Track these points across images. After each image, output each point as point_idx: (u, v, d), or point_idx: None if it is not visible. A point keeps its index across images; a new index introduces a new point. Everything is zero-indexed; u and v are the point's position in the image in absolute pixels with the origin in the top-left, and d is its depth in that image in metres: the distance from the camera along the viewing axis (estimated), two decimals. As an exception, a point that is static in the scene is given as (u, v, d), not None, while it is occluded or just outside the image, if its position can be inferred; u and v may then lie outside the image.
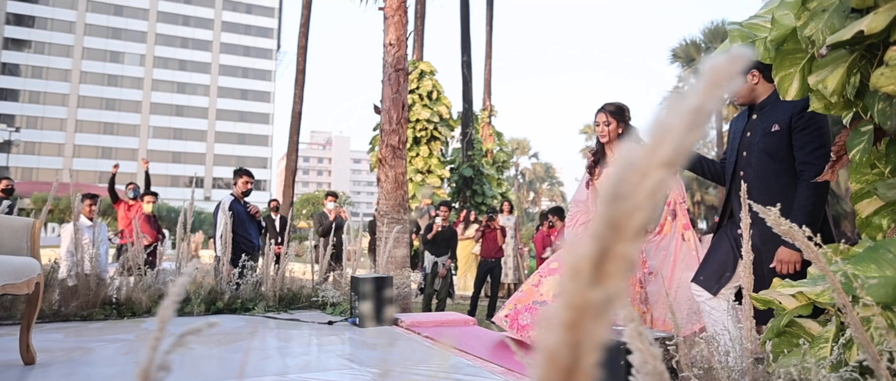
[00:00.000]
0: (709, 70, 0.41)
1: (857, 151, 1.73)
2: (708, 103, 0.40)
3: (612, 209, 0.39)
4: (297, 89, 13.90)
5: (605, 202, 0.39)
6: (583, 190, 3.96)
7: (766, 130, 2.84)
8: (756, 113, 2.95)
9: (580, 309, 0.38)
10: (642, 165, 0.39)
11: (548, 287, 3.59)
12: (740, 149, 3.01)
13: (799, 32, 1.75)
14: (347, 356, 3.33)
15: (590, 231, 0.39)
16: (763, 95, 2.92)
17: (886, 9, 1.35)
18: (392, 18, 5.81)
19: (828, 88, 1.60)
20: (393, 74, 5.77)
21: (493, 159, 21.05)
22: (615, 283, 0.38)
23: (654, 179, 0.39)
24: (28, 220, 3.09)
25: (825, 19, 1.64)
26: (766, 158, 2.83)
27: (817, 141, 2.68)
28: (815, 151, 2.65)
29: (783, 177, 2.79)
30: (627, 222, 0.38)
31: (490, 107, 21.85)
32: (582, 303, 0.38)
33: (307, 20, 14.23)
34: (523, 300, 3.63)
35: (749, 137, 2.96)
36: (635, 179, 0.39)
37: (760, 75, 2.91)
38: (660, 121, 0.40)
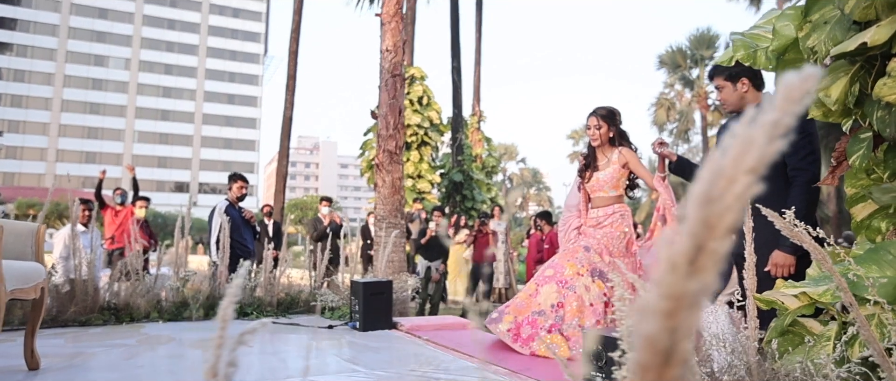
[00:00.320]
0: (784, 87, 0.46)
1: (857, 157, 1.81)
2: (785, 118, 0.45)
3: (705, 211, 0.44)
4: (288, 95, 13.89)
5: (698, 205, 0.44)
6: (575, 194, 3.99)
7: None
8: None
9: (677, 299, 0.44)
10: (730, 173, 0.44)
11: (545, 296, 3.57)
12: None
13: (801, 43, 1.82)
14: (350, 359, 3.36)
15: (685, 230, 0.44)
16: (752, 103, 3.00)
17: (888, 22, 1.42)
18: (389, 25, 5.86)
19: (831, 97, 1.68)
20: (390, 80, 5.82)
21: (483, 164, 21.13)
22: (708, 276, 0.44)
23: (741, 184, 0.44)
24: (32, 225, 3.10)
25: (827, 31, 1.71)
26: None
27: (808, 147, 2.76)
28: (807, 156, 2.73)
29: (775, 182, 2.86)
30: (719, 221, 0.44)
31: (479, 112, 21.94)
32: (679, 293, 0.44)
33: (298, 26, 14.24)
34: (523, 312, 3.60)
35: None
36: (724, 185, 0.44)
37: (750, 83, 2.99)
38: (743, 134, 0.45)
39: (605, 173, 3.77)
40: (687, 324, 0.44)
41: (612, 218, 3.76)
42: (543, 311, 3.53)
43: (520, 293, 3.75)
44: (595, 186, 3.82)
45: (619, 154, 3.76)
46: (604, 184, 3.78)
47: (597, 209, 3.82)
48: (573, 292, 3.52)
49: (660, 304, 0.44)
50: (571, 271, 3.60)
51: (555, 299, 3.54)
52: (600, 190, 3.80)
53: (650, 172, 3.73)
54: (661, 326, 0.44)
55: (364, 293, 4.28)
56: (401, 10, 5.96)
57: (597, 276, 3.57)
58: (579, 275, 3.57)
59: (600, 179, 3.79)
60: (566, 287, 3.55)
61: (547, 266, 3.76)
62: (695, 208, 0.45)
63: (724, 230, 0.44)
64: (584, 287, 3.53)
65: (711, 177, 0.45)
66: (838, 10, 1.68)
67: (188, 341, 3.79)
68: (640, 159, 3.77)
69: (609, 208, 3.78)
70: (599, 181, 3.79)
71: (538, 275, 3.76)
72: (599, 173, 3.80)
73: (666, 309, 0.44)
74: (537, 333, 3.49)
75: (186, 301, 4.63)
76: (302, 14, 14.26)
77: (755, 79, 3.01)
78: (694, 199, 0.45)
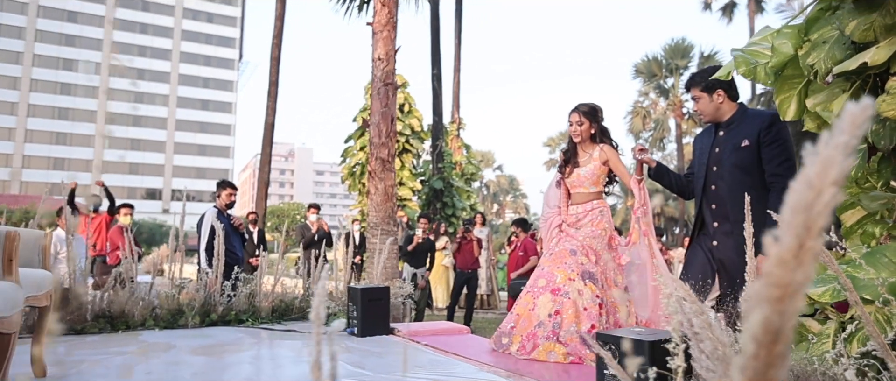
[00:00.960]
0: (849, 114, 0.57)
1: (853, 167, 1.95)
2: (852, 140, 0.56)
3: (803, 216, 0.54)
4: (270, 101, 13.87)
5: (796, 211, 0.55)
6: (554, 190, 4.04)
7: (736, 145, 3.05)
8: (723, 130, 3.15)
9: (785, 287, 0.54)
10: (818, 185, 0.55)
11: (542, 307, 3.60)
12: (710, 164, 3.21)
13: (801, 60, 1.95)
14: (356, 363, 3.43)
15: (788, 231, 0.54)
16: (728, 113, 3.13)
17: (887, 44, 1.56)
18: (380, 34, 5.95)
19: (833, 112, 1.81)
20: (382, 89, 5.90)
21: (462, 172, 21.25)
22: (808, 269, 0.54)
23: (828, 194, 0.54)
24: (39, 232, 3.12)
25: (827, 50, 1.85)
26: (738, 172, 3.04)
27: (785, 153, 2.91)
28: (784, 163, 2.88)
29: (755, 190, 3.00)
30: (814, 224, 0.54)
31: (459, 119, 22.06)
32: (787, 283, 0.54)
33: (280, 32, 14.23)
34: (526, 329, 3.62)
35: (718, 152, 3.17)
36: (815, 195, 0.55)
37: (725, 95, 3.12)
38: (824, 154, 0.55)
39: (586, 169, 3.84)
40: (793, 308, 0.54)
41: (591, 215, 3.82)
42: (542, 322, 3.57)
43: (519, 310, 3.74)
44: (575, 182, 3.88)
45: (600, 151, 3.82)
46: (584, 180, 3.84)
47: (576, 206, 3.89)
48: (568, 298, 3.57)
49: (771, 292, 0.54)
50: (563, 277, 3.65)
51: (551, 307, 3.58)
52: (580, 186, 3.87)
53: (629, 173, 3.78)
54: (773, 309, 0.54)
55: (362, 299, 4.34)
56: (393, 19, 6.06)
57: (587, 278, 3.63)
58: (571, 280, 3.62)
59: (581, 175, 3.85)
60: (560, 294, 3.59)
61: (538, 276, 3.78)
62: (794, 214, 0.55)
63: (818, 231, 0.54)
64: (577, 292, 3.58)
65: (804, 189, 0.55)
66: (837, 31, 1.82)
67: (188, 348, 3.81)
68: (620, 158, 3.84)
69: (588, 205, 3.85)
70: (580, 177, 3.85)
71: (531, 285, 3.78)
72: (580, 169, 3.85)
73: (776, 296, 0.54)
74: (537, 344, 3.55)
75: (181, 309, 4.64)
76: (284, 20, 14.27)
77: (730, 90, 3.14)
78: (791, 207, 0.56)
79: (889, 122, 1.71)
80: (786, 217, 0.56)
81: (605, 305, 3.62)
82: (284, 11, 14.22)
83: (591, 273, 3.65)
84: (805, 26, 1.94)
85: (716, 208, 3.16)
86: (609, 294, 3.69)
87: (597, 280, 3.64)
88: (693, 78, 3.30)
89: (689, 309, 1.23)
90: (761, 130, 2.92)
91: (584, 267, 3.67)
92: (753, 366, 0.56)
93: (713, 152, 3.20)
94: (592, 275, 3.65)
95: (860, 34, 1.63)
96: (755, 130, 2.96)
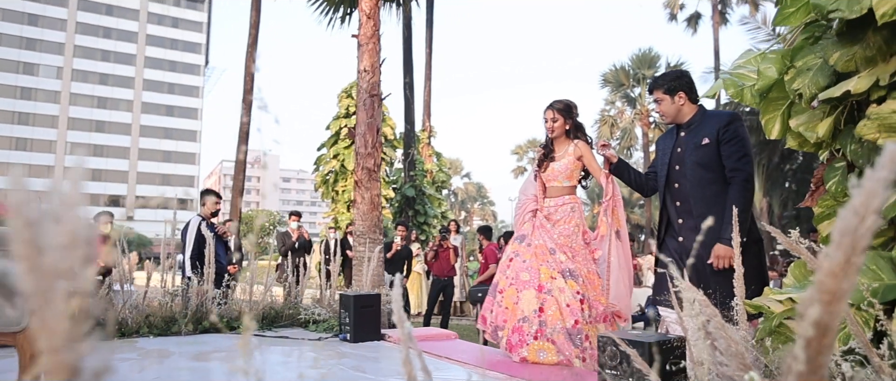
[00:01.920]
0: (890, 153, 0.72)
1: (833, 182, 2.14)
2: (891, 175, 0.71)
3: (851, 237, 0.69)
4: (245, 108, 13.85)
5: (845, 233, 0.69)
6: (531, 183, 4.14)
7: (696, 143, 3.24)
8: (684, 130, 3.36)
9: (834, 293, 0.69)
10: (862, 212, 0.70)
11: (526, 302, 3.70)
12: (672, 163, 3.40)
13: (787, 85, 2.14)
14: (355, 367, 3.53)
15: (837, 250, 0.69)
16: (688, 114, 3.34)
17: (867, 74, 1.75)
18: (366, 46, 6.06)
19: (819, 134, 2.00)
20: (368, 100, 6.01)
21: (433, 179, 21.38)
22: (853, 279, 0.69)
23: (870, 219, 0.69)
24: None
25: (811, 76, 2.04)
26: (699, 169, 3.23)
27: (742, 150, 3.10)
28: (742, 158, 3.08)
29: (715, 185, 3.20)
30: (859, 243, 0.69)
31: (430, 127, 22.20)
32: (835, 290, 0.68)
33: (255, 40, 14.22)
34: (510, 321, 3.73)
35: (680, 152, 3.35)
36: (860, 220, 0.69)
37: (686, 97, 3.34)
38: (868, 186, 0.70)
39: (561, 164, 3.97)
40: (839, 309, 0.69)
41: (562, 210, 3.95)
42: (527, 317, 3.67)
43: (506, 303, 3.81)
44: (550, 176, 4.01)
45: (574, 147, 3.96)
46: (559, 174, 3.97)
47: (550, 199, 4.01)
48: (551, 296, 3.68)
49: (823, 296, 0.69)
50: (546, 275, 3.76)
51: (535, 304, 3.67)
52: (555, 180, 3.99)
53: (600, 168, 3.92)
54: (824, 310, 0.69)
55: (354, 306, 4.44)
56: (378, 32, 6.17)
57: (567, 276, 3.74)
58: (553, 278, 3.73)
59: (556, 169, 3.98)
60: (543, 292, 3.70)
61: (521, 269, 3.85)
62: (842, 236, 0.70)
63: (863, 250, 0.69)
64: (559, 289, 3.69)
65: (850, 215, 0.70)
66: (820, 59, 2.01)
67: (189, 354, 3.87)
68: (594, 154, 3.97)
69: (560, 199, 3.97)
70: (554, 171, 3.98)
71: (515, 278, 3.84)
72: (555, 164, 3.98)
73: (827, 300, 0.69)
74: (524, 340, 3.66)
75: (174, 316, 4.68)
76: (259, 28, 14.27)
77: (691, 93, 3.35)
78: (840, 230, 0.70)
79: (867, 143, 1.89)
80: (835, 236, 0.71)
81: (586, 300, 3.72)
82: (259, 20, 14.22)
83: (570, 270, 3.76)
84: (791, 54, 2.13)
85: (680, 204, 3.34)
86: (589, 288, 3.79)
87: (577, 276, 3.75)
88: (656, 81, 3.50)
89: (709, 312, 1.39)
90: (719, 128, 3.13)
91: (563, 265, 3.78)
92: (806, 354, 0.70)
93: (675, 152, 3.38)
94: (572, 272, 3.76)
95: (843, 64, 1.81)
96: (714, 128, 3.16)
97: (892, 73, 1.69)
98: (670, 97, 3.35)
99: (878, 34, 1.73)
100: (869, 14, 1.67)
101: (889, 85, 1.71)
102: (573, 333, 3.62)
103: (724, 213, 3.03)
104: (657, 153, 3.70)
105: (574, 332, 3.61)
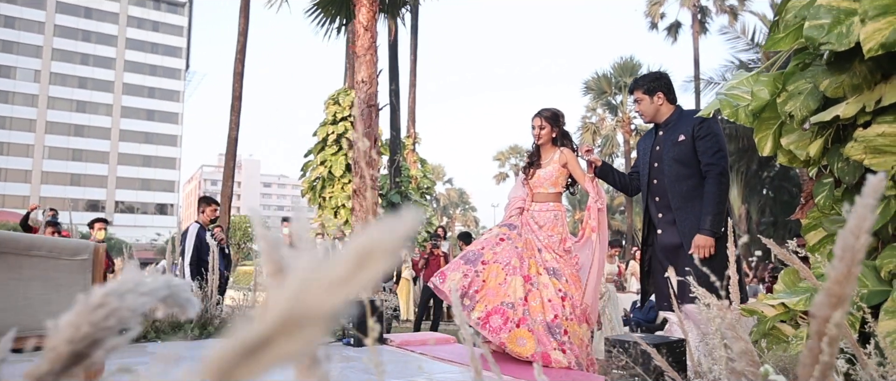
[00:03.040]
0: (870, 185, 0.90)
1: (821, 197, 2.35)
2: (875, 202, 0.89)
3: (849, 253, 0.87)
4: (234, 116, 13.91)
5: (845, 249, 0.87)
6: (520, 187, 4.27)
7: (673, 141, 3.44)
8: (662, 129, 3.56)
9: (839, 296, 0.86)
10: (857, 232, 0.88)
11: (513, 288, 3.79)
12: (652, 161, 3.60)
13: (780, 107, 2.34)
14: (365, 370, 3.67)
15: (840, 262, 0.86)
16: (666, 114, 3.56)
17: (855, 100, 1.95)
18: (364, 58, 6.22)
19: (811, 153, 2.21)
20: (366, 110, 6.16)
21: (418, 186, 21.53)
22: (853, 285, 0.86)
23: (863, 239, 0.87)
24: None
25: (802, 100, 2.24)
26: (676, 165, 3.43)
27: (716, 145, 3.31)
28: (716, 153, 3.29)
29: (692, 179, 3.40)
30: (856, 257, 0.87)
31: (414, 134, 22.37)
32: (839, 293, 0.86)
33: (244, 47, 14.30)
34: (492, 301, 3.81)
35: (658, 150, 3.55)
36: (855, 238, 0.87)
37: (664, 98, 3.55)
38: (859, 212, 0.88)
39: (546, 171, 4.10)
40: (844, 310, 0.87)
41: (546, 216, 4.07)
42: (513, 304, 3.75)
43: (485, 276, 3.87)
44: (537, 183, 4.14)
45: (560, 154, 4.10)
46: (544, 181, 4.10)
47: (537, 204, 4.14)
48: (536, 288, 3.82)
49: (830, 300, 0.87)
50: (534, 268, 3.90)
51: (522, 293, 3.78)
52: (541, 186, 4.12)
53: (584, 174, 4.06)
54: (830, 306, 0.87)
55: (356, 311, 4.58)
56: (375, 44, 6.33)
57: (551, 274, 3.90)
58: (539, 274, 3.90)
59: (542, 176, 4.11)
60: (529, 283, 3.84)
61: (513, 255, 3.93)
62: (843, 251, 0.88)
63: (859, 262, 0.87)
64: (544, 285, 3.84)
65: (848, 235, 0.88)
66: (810, 84, 2.21)
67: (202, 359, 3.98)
68: (578, 161, 4.13)
69: (545, 206, 4.10)
70: (541, 178, 4.12)
71: (505, 264, 3.91)
72: (541, 171, 4.12)
73: (832, 301, 0.87)
74: (507, 326, 3.72)
75: (179, 322, 4.78)
76: (247, 35, 14.34)
77: (669, 93, 3.57)
78: (841, 246, 0.88)
79: (853, 161, 2.10)
80: (838, 252, 0.89)
81: (568, 297, 3.86)
82: (248, 27, 14.31)
83: (554, 269, 3.91)
84: (783, 78, 2.33)
85: (659, 199, 3.53)
86: (571, 288, 3.92)
87: (560, 276, 3.90)
88: (636, 82, 3.71)
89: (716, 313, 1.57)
90: (694, 125, 3.34)
91: (548, 263, 3.93)
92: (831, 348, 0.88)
93: (654, 150, 3.58)
94: (556, 271, 3.90)
95: (832, 91, 2.02)
96: (689, 126, 3.37)
97: (876, 100, 1.90)
98: (649, 97, 3.55)
99: (864, 65, 1.93)
100: (856, 47, 1.87)
101: (874, 111, 1.91)
102: (552, 326, 3.75)
103: (701, 206, 3.23)
104: (638, 153, 3.89)
105: (553, 325, 3.76)
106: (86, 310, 0.59)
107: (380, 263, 0.31)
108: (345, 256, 0.29)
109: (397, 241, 0.31)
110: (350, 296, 0.30)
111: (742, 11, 27.00)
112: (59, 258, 1.78)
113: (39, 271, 1.72)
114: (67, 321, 0.59)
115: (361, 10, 6.16)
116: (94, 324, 0.62)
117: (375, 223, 0.31)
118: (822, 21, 1.92)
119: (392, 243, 0.30)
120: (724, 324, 1.55)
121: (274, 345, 0.29)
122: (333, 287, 0.29)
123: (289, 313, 0.28)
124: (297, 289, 0.29)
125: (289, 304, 0.29)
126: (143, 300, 0.62)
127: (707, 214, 3.26)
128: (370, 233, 0.30)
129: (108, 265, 7.79)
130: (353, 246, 0.29)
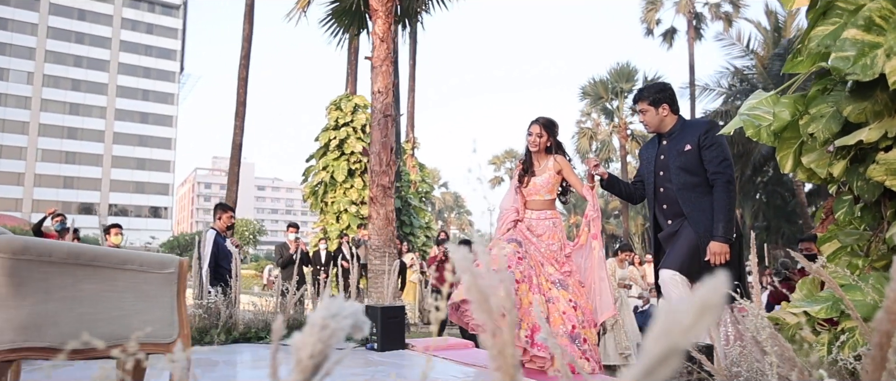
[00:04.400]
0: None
1: (841, 212, 2.53)
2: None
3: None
4: (238, 121, 14.02)
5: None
6: (512, 195, 4.31)
7: (679, 150, 3.55)
8: (666, 139, 3.66)
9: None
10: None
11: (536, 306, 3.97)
12: (657, 169, 3.70)
13: (802, 129, 2.52)
14: (390, 375, 3.82)
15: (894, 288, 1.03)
16: (670, 124, 3.66)
17: (877, 126, 2.13)
18: (380, 68, 6.36)
19: (835, 174, 2.38)
20: (382, 120, 6.30)
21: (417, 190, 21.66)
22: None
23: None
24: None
25: (824, 123, 2.41)
26: (683, 174, 3.54)
27: (722, 154, 3.43)
28: (722, 162, 3.41)
29: (699, 187, 3.52)
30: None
31: (413, 139, 22.50)
32: None
33: (248, 53, 14.40)
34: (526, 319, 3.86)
35: (664, 159, 3.66)
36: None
37: (668, 108, 3.65)
38: None
39: (541, 179, 4.17)
40: None
41: (544, 224, 4.16)
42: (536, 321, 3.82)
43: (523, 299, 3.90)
44: (531, 190, 4.21)
45: (554, 161, 4.17)
46: (540, 188, 4.18)
47: (531, 211, 4.22)
48: (553, 304, 3.93)
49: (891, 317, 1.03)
50: (546, 283, 4.00)
51: (543, 309, 3.86)
52: (536, 194, 4.20)
53: (581, 181, 4.18)
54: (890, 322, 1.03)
55: (382, 317, 4.73)
56: (391, 54, 6.47)
57: (560, 287, 4.00)
58: (549, 289, 3.99)
59: (537, 183, 4.18)
60: (546, 300, 3.93)
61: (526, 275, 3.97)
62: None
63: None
64: (556, 299, 3.94)
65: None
66: (832, 108, 2.38)
67: (236, 363, 4.12)
68: (573, 168, 4.24)
69: (541, 213, 4.18)
70: (535, 186, 4.19)
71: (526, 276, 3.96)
72: (536, 179, 4.18)
73: (893, 319, 1.03)
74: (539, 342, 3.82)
75: (205, 327, 4.91)
76: (252, 41, 14.45)
77: (673, 104, 3.67)
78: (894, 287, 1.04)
79: (872, 181, 2.27)
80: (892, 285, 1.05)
81: (578, 306, 3.97)
82: (252, 33, 14.42)
83: (560, 281, 4.02)
84: (805, 102, 2.51)
85: (667, 207, 3.65)
86: (578, 296, 4.03)
87: (566, 286, 4.00)
88: (641, 92, 3.78)
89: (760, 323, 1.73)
90: (700, 135, 3.47)
91: (552, 277, 4.03)
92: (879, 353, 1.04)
93: (659, 159, 3.69)
94: (562, 282, 4.01)
95: (855, 116, 2.19)
96: (695, 135, 3.49)
97: (897, 126, 2.08)
98: (655, 109, 3.65)
99: (885, 93, 2.10)
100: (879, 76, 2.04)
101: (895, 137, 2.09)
102: (573, 336, 3.88)
103: (712, 213, 3.37)
104: (642, 162, 4.01)
105: (573, 336, 3.89)
106: (315, 331, 0.76)
107: (713, 315, 0.45)
108: (690, 308, 0.44)
109: (721, 300, 0.45)
110: (694, 338, 0.44)
111: (737, 18, 27.33)
112: (148, 271, 1.92)
113: (131, 284, 1.86)
114: (302, 340, 0.76)
115: (378, 22, 6.30)
116: (324, 341, 0.78)
117: (705, 284, 0.45)
118: (847, 53, 2.09)
119: (720, 301, 0.44)
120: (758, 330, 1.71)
121: (656, 372, 0.43)
122: (686, 331, 0.43)
123: (665, 349, 0.43)
124: (664, 331, 0.44)
125: (663, 343, 0.43)
126: (346, 322, 0.79)
127: (719, 221, 3.38)
128: (704, 292, 0.45)
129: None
130: (696, 300, 0.44)
